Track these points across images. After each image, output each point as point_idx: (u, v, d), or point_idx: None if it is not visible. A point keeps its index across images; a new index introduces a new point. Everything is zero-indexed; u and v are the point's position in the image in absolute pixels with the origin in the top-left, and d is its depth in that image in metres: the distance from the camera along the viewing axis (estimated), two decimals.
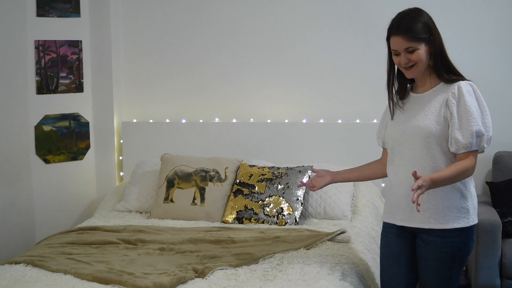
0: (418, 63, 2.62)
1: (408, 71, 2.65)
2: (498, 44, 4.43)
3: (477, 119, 2.56)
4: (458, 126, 2.56)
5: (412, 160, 2.65)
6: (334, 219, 3.91)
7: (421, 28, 2.61)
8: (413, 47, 2.59)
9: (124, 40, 4.85)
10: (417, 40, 2.59)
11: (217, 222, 3.93)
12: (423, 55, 2.61)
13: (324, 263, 2.97)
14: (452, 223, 2.61)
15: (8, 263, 3.05)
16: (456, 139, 2.55)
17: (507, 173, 4.25)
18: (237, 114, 4.74)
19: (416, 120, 2.66)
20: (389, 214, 2.79)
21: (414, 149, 2.65)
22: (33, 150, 4.48)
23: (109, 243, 3.38)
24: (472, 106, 2.57)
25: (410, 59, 2.61)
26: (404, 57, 2.62)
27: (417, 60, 2.61)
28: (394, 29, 2.62)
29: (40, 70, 4.46)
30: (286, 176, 3.96)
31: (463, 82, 2.62)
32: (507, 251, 3.81)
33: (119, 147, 4.83)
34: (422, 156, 2.64)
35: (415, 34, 2.59)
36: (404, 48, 2.60)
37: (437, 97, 2.66)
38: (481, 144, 2.58)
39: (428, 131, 2.61)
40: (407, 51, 2.60)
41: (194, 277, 2.83)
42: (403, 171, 2.68)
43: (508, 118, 4.44)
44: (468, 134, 2.54)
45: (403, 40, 2.59)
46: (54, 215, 4.56)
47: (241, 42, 4.73)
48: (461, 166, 2.56)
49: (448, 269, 2.68)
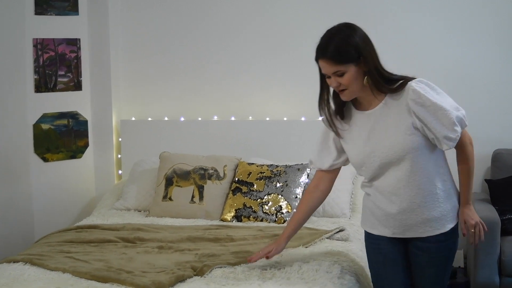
0: (348, 87, 2.48)
1: (341, 94, 2.53)
2: (496, 43, 4.42)
3: (449, 109, 2.47)
4: (440, 125, 2.46)
5: (399, 178, 2.54)
6: (333, 217, 3.91)
7: (349, 49, 2.45)
8: (341, 71, 2.45)
9: (122, 38, 4.85)
10: (345, 63, 2.44)
11: (216, 220, 3.93)
12: (353, 77, 2.46)
13: (323, 261, 2.97)
14: (448, 225, 2.59)
15: (6, 262, 3.05)
16: (446, 136, 2.47)
17: (505, 171, 4.24)
18: (236, 112, 4.73)
19: (389, 142, 2.51)
20: (377, 227, 2.68)
21: (397, 168, 2.53)
22: (32, 148, 4.48)
23: (107, 241, 3.38)
24: (438, 100, 2.46)
25: (340, 82, 2.47)
26: (334, 81, 2.48)
27: (347, 83, 2.47)
28: (320, 52, 2.48)
29: (39, 68, 4.45)
30: (285, 174, 3.96)
31: (413, 84, 2.47)
32: (506, 249, 3.81)
33: (118, 145, 4.83)
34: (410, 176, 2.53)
35: (342, 57, 2.44)
36: (332, 72, 2.47)
37: (393, 109, 2.51)
38: (464, 124, 2.53)
39: (410, 149, 2.49)
40: (336, 75, 2.47)
41: (192, 275, 2.83)
42: (391, 190, 2.58)
43: (506, 116, 4.44)
44: (452, 126, 2.47)
45: (329, 64, 2.46)
46: (52, 213, 4.56)
47: (240, 40, 4.72)
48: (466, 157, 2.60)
49: (443, 272, 2.67)
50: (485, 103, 4.45)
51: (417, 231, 2.59)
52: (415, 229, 2.59)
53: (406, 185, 2.54)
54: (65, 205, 4.64)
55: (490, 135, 4.44)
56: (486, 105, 4.45)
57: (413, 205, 2.55)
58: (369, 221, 2.73)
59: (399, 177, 2.54)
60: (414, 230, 2.59)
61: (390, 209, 2.59)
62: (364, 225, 2.78)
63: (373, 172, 2.60)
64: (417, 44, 4.49)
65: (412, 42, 4.49)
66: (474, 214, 2.59)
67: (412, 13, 4.50)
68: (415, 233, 2.60)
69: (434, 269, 2.65)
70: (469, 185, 2.61)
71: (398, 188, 2.55)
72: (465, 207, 2.60)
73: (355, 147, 2.63)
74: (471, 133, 4.52)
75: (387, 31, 4.45)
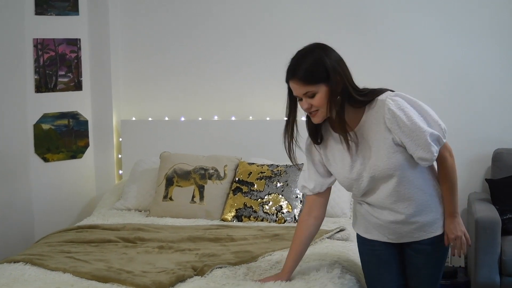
0: (320, 108, 2.41)
1: (312, 116, 2.46)
2: (496, 42, 4.42)
3: (424, 128, 2.40)
4: (416, 146, 2.41)
5: (389, 193, 2.52)
6: (333, 216, 3.91)
7: (319, 69, 2.39)
8: (312, 91, 2.39)
9: (122, 38, 4.84)
10: (315, 83, 2.38)
11: (216, 220, 3.93)
12: (324, 98, 2.39)
13: (323, 260, 2.97)
14: (440, 229, 2.59)
15: (7, 262, 3.04)
16: (421, 158, 2.43)
17: (506, 170, 4.24)
18: (236, 112, 4.73)
19: (375, 163, 2.47)
20: (371, 232, 2.68)
21: (386, 185, 2.51)
22: (32, 148, 4.48)
23: (108, 241, 3.37)
24: (412, 119, 2.39)
25: (311, 104, 2.41)
26: (305, 103, 2.42)
27: (319, 105, 2.40)
28: (291, 73, 2.44)
29: (39, 68, 4.45)
30: (285, 174, 3.96)
31: (388, 101, 2.40)
32: (506, 248, 3.81)
33: (118, 145, 4.83)
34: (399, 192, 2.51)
35: (313, 77, 2.38)
36: (302, 93, 2.41)
37: (373, 128, 2.46)
38: (442, 141, 2.46)
39: (398, 167, 2.46)
40: (307, 96, 2.41)
41: (193, 275, 2.83)
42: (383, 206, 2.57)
43: (507, 116, 4.44)
44: (427, 146, 2.41)
45: (300, 85, 2.40)
46: (53, 213, 4.56)
47: (240, 40, 4.72)
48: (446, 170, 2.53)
49: (438, 272, 2.69)
50: (486, 103, 4.45)
51: (411, 237, 2.60)
52: (410, 235, 2.60)
53: (398, 199, 2.53)
54: (65, 205, 4.64)
55: (491, 134, 4.44)
56: (487, 105, 4.45)
57: (407, 217, 2.55)
58: (362, 225, 2.72)
59: (389, 192, 2.52)
60: (409, 236, 2.60)
61: (385, 219, 2.59)
62: (358, 228, 2.77)
63: (363, 191, 2.58)
64: (417, 44, 4.49)
65: (412, 42, 4.48)
66: (456, 227, 2.56)
67: (412, 13, 4.49)
68: (410, 238, 2.61)
69: (430, 270, 2.66)
70: (452, 199, 2.56)
71: (390, 203, 2.55)
72: (448, 219, 2.58)
73: (342, 171, 2.58)
74: (472, 133, 4.54)
75: (387, 31, 4.45)
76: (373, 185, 2.54)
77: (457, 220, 2.58)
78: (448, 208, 2.57)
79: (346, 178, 2.58)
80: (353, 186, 2.59)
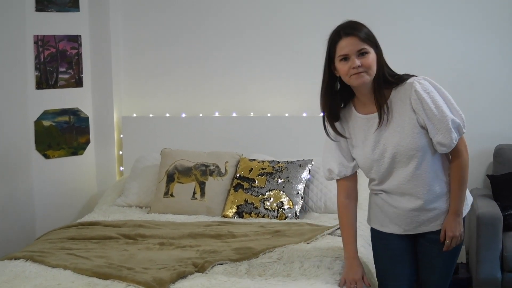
0: (368, 70, 2.46)
1: (357, 76, 2.46)
2: (498, 38, 4.41)
3: (447, 113, 2.48)
4: (436, 130, 2.48)
5: (409, 178, 2.55)
6: (334, 213, 3.85)
7: (372, 34, 2.51)
8: (366, 49, 2.46)
9: (123, 35, 4.84)
10: (369, 43, 2.47)
11: (217, 217, 3.93)
12: (374, 60, 2.48)
13: (324, 257, 2.97)
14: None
15: (8, 259, 3.05)
16: (440, 142, 2.49)
17: (507, 166, 4.23)
18: (237, 108, 4.73)
19: (397, 141, 2.52)
20: (387, 225, 2.69)
21: (406, 168, 2.54)
22: (33, 145, 4.47)
23: (109, 238, 3.37)
24: (437, 103, 2.47)
25: (362, 62, 2.45)
26: (355, 61, 2.45)
27: (368, 65, 2.46)
28: (345, 31, 2.47)
29: (40, 65, 4.45)
30: (286, 170, 3.95)
31: (415, 83, 2.49)
32: (508, 244, 3.81)
33: (119, 142, 4.83)
34: (417, 173, 2.54)
35: (370, 37, 2.48)
36: (356, 49, 2.45)
37: (398, 108, 2.53)
38: (461, 131, 2.52)
39: (419, 147, 2.51)
40: (359, 53, 2.45)
41: (194, 271, 2.83)
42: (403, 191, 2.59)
43: (508, 112, 4.44)
44: (448, 132, 2.47)
45: (356, 40, 2.45)
46: (54, 210, 4.56)
47: (241, 36, 4.71)
48: (458, 168, 2.55)
49: (450, 265, 2.70)
50: (487, 99, 4.44)
51: (428, 226, 2.61)
52: (426, 224, 2.61)
53: (417, 184, 2.55)
54: (66, 202, 4.64)
55: (492, 130, 4.43)
56: (488, 101, 4.44)
57: (425, 203, 2.57)
58: (378, 219, 2.73)
59: (409, 175, 2.55)
60: (426, 225, 2.61)
61: (403, 207, 2.60)
62: (373, 223, 2.78)
63: (382, 174, 2.60)
64: (418, 40, 4.48)
65: (413, 39, 4.47)
66: (456, 227, 2.57)
67: (413, 10, 4.48)
68: (426, 228, 2.62)
69: (443, 261, 2.67)
70: (460, 196, 2.57)
71: (409, 188, 2.57)
72: (451, 216, 2.58)
73: (364, 153, 2.62)
74: (473, 129, 4.53)
75: (389, 27, 4.44)
76: (393, 167, 2.56)
77: (459, 219, 2.58)
78: (454, 204, 2.57)
79: (368, 159, 2.60)
80: (373, 168, 2.61)
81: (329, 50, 2.53)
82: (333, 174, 2.73)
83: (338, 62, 2.50)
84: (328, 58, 2.54)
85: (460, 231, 2.57)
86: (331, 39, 2.51)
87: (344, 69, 2.48)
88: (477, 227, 3.81)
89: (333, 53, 2.51)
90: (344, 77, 2.51)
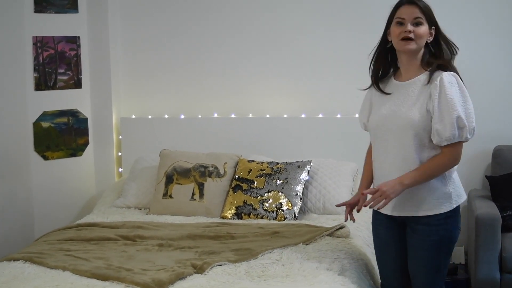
0: (417, 39, 2.65)
1: (406, 42, 2.66)
2: (497, 38, 4.41)
3: (458, 110, 2.59)
4: (440, 118, 2.59)
5: (398, 150, 2.69)
6: (333, 214, 3.90)
7: (431, 12, 2.70)
8: (422, 21, 2.65)
9: (122, 36, 4.84)
10: (427, 16, 2.67)
11: (216, 218, 3.92)
12: (425, 33, 2.67)
13: (323, 258, 2.97)
14: (436, 210, 2.68)
15: (6, 260, 3.05)
16: (438, 131, 2.59)
17: (506, 167, 4.24)
18: (236, 109, 4.73)
19: (400, 111, 2.69)
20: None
21: (399, 140, 2.69)
22: (32, 146, 4.47)
23: (107, 239, 3.37)
24: (454, 97, 2.60)
25: (414, 31, 2.65)
26: (409, 27, 2.64)
27: (420, 35, 2.65)
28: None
29: (38, 66, 4.45)
30: (285, 171, 3.95)
31: (445, 73, 2.64)
32: (506, 245, 3.81)
33: (118, 143, 4.83)
34: (407, 147, 2.67)
35: (428, 11, 2.68)
36: (413, 17, 2.65)
37: (420, 88, 2.68)
38: (464, 135, 2.62)
39: (413, 123, 2.64)
40: (415, 22, 2.65)
41: (192, 272, 2.83)
42: (390, 161, 2.73)
43: (507, 112, 4.44)
44: (450, 125, 2.58)
45: (415, 10, 2.65)
46: (53, 211, 4.55)
47: (239, 36, 4.71)
48: (435, 162, 2.64)
49: (435, 258, 2.74)
50: (486, 100, 4.44)
51: (412, 209, 2.69)
52: (410, 206, 2.69)
53: (408, 163, 2.66)
54: (65, 203, 4.64)
55: (491, 131, 4.43)
56: (487, 101, 4.43)
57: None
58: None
59: (402, 155, 2.68)
60: (409, 208, 2.70)
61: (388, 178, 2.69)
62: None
63: (380, 140, 2.75)
64: None
65: None
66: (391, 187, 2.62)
67: None
68: (410, 212, 2.70)
69: (426, 252, 2.73)
70: (415, 176, 2.63)
71: (399, 167, 2.68)
72: (395, 180, 2.64)
73: (379, 109, 2.79)
74: None
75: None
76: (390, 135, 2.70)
77: (399, 187, 2.62)
78: (407, 175, 2.63)
79: (377, 117, 2.79)
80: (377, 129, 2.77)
81: (391, 14, 2.73)
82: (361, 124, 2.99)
83: (394, 25, 2.69)
84: (388, 22, 2.74)
85: (390, 195, 2.62)
86: (396, 4, 2.72)
87: (396, 32, 2.68)
88: (475, 228, 3.81)
89: (392, 16, 2.71)
90: (394, 39, 2.70)
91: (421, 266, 2.75)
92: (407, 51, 2.69)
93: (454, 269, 4.24)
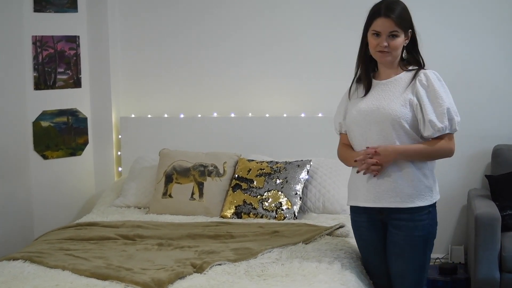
0: (393, 51, 2.72)
1: (382, 54, 2.73)
2: (497, 38, 4.42)
3: (447, 101, 2.69)
4: (432, 110, 2.66)
5: (380, 144, 2.72)
6: (333, 213, 3.91)
7: (408, 18, 2.74)
8: (397, 33, 2.69)
9: (121, 35, 4.83)
10: (402, 28, 2.70)
11: (216, 217, 3.92)
12: (400, 44, 2.73)
13: (323, 257, 2.97)
14: (418, 201, 2.71)
15: (6, 259, 3.04)
16: (432, 122, 2.65)
17: (506, 167, 4.24)
18: (236, 109, 4.73)
19: (381, 105, 2.74)
20: (353, 197, 2.87)
21: (380, 132, 2.72)
22: (31, 146, 4.47)
23: (107, 238, 3.37)
24: (441, 91, 2.70)
25: (389, 44, 2.70)
26: (384, 40, 2.69)
27: (394, 47, 2.71)
28: (387, 10, 2.69)
29: (38, 65, 4.45)
30: (284, 170, 3.95)
31: (428, 70, 2.75)
32: (506, 245, 3.81)
33: (118, 143, 4.82)
34: (387, 139, 2.71)
35: (403, 21, 2.70)
36: (389, 31, 2.68)
37: (402, 85, 2.75)
38: (453, 127, 2.70)
39: (394, 116, 2.69)
40: (390, 35, 2.69)
41: (192, 272, 2.82)
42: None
43: (507, 112, 4.44)
44: (442, 116, 2.66)
45: (391, 23, 2.68)
46: (52, 211, 4.55)
47: (239, 36, 4.71)
48: (438, 145, 2.70)
49: (421, 254, 2.77)
50: (486, 99, 4.44)
51: (388, 200, 2.72)
52: (387, 198, 2.72)
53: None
54: (64, 203, 4.64)
55: (491, 130, 4.43)
56: (487, 101, 4.44)
57: (389, 171, 2.71)
58: (352, 194, 2.89)
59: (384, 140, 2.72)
60: (386, 199, 2.72)
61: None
62: (349, 200, 2.93)
63: (360, 134, 2.78)
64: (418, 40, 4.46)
65: None
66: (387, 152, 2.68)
67: (413, 10, 4.45)
68: (387, 203, 2.72)
69: (411, 248, 2.75)
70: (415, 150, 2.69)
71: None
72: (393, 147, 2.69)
73: (357, 105, 2.83)
74: (472, 129, 4.54)
75: None
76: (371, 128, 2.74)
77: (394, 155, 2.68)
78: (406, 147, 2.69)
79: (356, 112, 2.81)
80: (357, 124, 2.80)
81: (367, 21, 2.76)
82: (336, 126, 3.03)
83: (371, 35, 2.74)
84: (365, 29, 2.80)
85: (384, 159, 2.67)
86: (372, 13, 2.74)
87: (373, 43, 2.74)
88: (475, 227, 3.81)
89: (369, 24, 2.75)
90: (371, 49, 2.77)
91: (410, 264, 2.78)
92: (383, 62, 2.78)
93: (454, 268, 4.24)
